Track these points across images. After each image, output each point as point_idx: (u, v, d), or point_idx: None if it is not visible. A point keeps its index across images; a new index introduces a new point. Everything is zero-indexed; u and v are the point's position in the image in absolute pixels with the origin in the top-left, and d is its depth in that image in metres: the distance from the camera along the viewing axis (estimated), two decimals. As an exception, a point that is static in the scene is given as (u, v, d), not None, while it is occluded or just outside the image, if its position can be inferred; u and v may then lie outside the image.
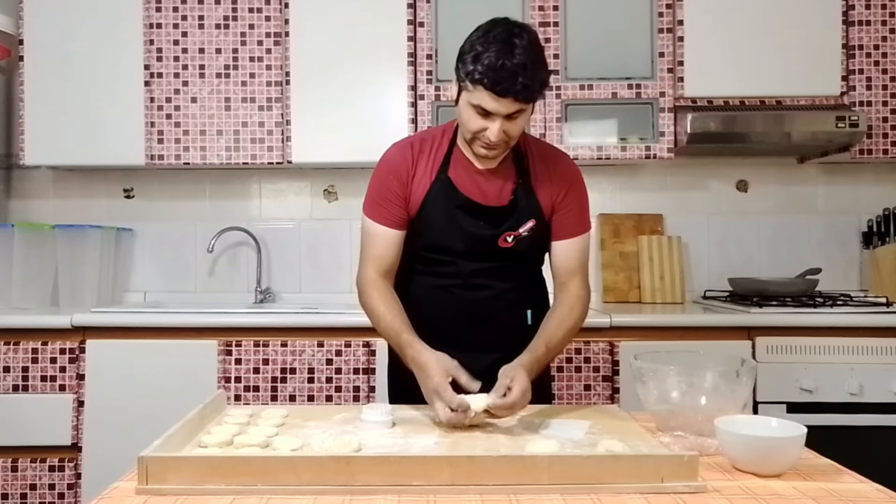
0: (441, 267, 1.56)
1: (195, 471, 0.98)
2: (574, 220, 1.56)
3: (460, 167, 1.53)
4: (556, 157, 1.59)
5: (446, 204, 1.51)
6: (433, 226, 1.53)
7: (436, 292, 1.57)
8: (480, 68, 1.34)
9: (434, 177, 1.53)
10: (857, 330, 2.26)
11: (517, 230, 1.52)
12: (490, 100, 1.36)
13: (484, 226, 1.52)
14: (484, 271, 1.55)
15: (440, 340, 1.45)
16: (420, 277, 1.60)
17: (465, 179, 1.53)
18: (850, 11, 2.57)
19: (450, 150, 1.55)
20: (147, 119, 2.63)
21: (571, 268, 1.56)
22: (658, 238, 2.82)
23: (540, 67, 1.38)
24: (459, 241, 1.52)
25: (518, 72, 1.33)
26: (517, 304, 1.60)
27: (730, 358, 1.30)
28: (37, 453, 2.31)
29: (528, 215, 1.53)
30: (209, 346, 2.33)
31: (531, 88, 1.36)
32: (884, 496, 0.98)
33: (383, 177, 1.55)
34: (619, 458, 1.02)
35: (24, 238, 2.60)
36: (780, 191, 2.92)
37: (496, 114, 1.38)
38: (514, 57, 1.33)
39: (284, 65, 2.61)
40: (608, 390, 2.31)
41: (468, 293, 1.56)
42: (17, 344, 2.32)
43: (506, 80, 1.33)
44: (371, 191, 1.56)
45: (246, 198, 2.97)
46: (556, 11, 2.58)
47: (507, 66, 1.33)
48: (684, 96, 2.58)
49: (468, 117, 1.42)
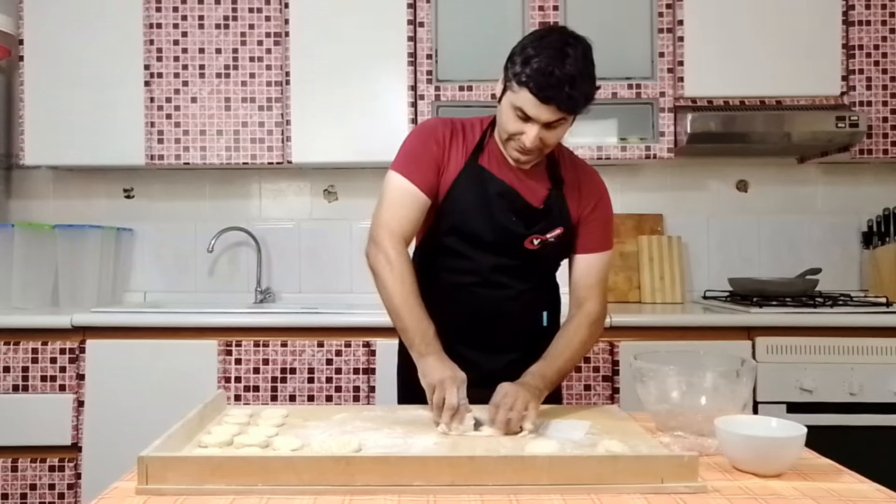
0: (461, 261, 1.53)
1: (195, 471, 0.98)
2: (598, 236, 1.55)
3: (493, 159, 1.51)
4: (587, 171, 1.58)
5: (481, 189, 1.48)
6: (463, 209, 1.49)
7: (455, 290, 1.54)
8: (528, 71, 1.33)
9: (465, 163, 1.50)
10: (857, 330, 2.26)
11: (545, 235, 1.51)
12: (533, 105, 1.35)
13: (516, 222, 1.49)
14: (504, 269, 1.53)
15: (456, 338, 1.44)
16: (439, 273, 1.56)
17: (499, 172, 1.50)
18: (850, 11, 2.57)
19: (482, 141, 1.52)
20: (147, 119, 2.63)
21: (590, 284, 1.55)
22: (658, 238, 2.83)
23: (588, 81, 1.36)
24: (488, 230, 1.49)
25: (566, 81, 1.31)
26: (534, 305, 1.59)
27: (730, 358, 1.30)
28: (37, 453, 2.31)
29: (559, 222, 1.51)
30: (209, 346, 2.33)
31: (576, 100, 1.34)
32: (884, 496, 0.98)
33: (423, 138, 1.50)
34: (619, 458, 1.02)
35: (24, 238, 2.60)
36: (780, 191, 2.92)
37: (536, 120, 1.36)
38: (565, 66, 1.31)
39: (284, 65, 2.61)
40: (608, 390, 2.31)
41: (487, 291, 1.54)
42: (17, 344, 2.32)
43: (552, 87, 1.32)
44: (407, 150, 1.50)
45: (246, 198, 2.97)
46: (556, 11, 2.58)
47: (555, 73, 1.31)
48: (684, 96, 2.58)
49: (508, 118, 1.41)
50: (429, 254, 1.58)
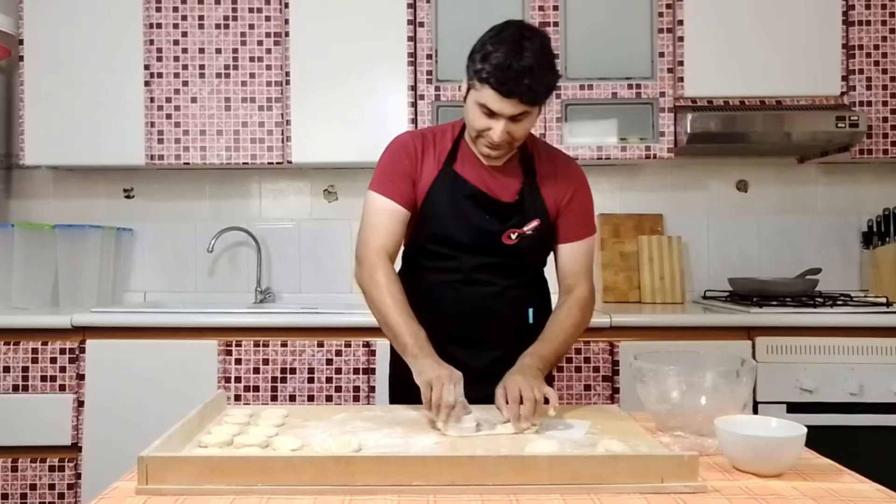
0: (444, 261, 1.56)
1: (195, 471, 0.98)
2: (579, 224, 1.57)
3: (467, 162, 1.54)
4: (562, 160, 1.60)
5: (453, 194, 1.51)
6: (439, 215, 1.52)
7: (439, 288, 1.57)
8: (488, 67, 1.35)
9: (440, 168, 1.53)
10: (857, 330, 2.26)
11: (522, 228, 1.53)
12: (495, 100, 1.37)
13: (490, 220, 1.52)
14: (486, 267, 1.55)
15: (442, 337, 1.45)
16: (424, 273, 1.59)
17: (472, 173, 1.53)
18: (850, 11, 2.57)
19: (455, 144, 1.55)
20: (147, 119, 2.63)
21: (576, 271, 1.57)
22: (658, 238, 2.82)
23: (547, 71, 1.37)
24: (465, 233, 1.52)
25: (525, 73, 1.33)
26: (519, 302, 1.60)
27: (730, 358, 1.30)
28: (37, 453, 2.31)
29: (534, 214, 1.53)
30: (209, 346, 2.33)
31: (536, 91, 1.36)
32: (884, 496, 0.98)
33: (395, 155, 1.54)
34: (619, 458, 1.02)
35: (24, 238, 2.60)
36: (780, 191, 2.92)
37: (501, 114, 1.38)
38: (523, 59, 1.33)
39: (284, 65, 2.61)
40: (608, 390, 2.31)
41: (471, 289, 1.56)
42: (17, 344, 2.32)
43: (512, 80, 1.34)
44: (381, 168, 1.55)
45: (246, 198, 2.97)
46: (556, 11, 2.58)
47: (514, 67, 1.33)
48: (684, 96, 2.58)
49: (474, 116, 1.43)
50: (413, 258, 1.62)
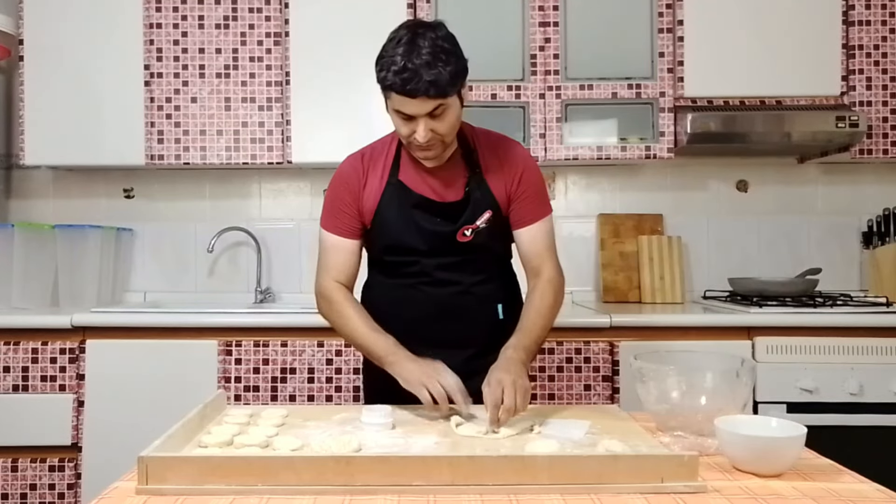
0: (406, 267, 1.58)
1: (195, 471, 0.98)
2: (532, 206, 1.57)
3: (410, 169, 1.55)
4: (505, 147, 1.59)
5: (401, 205, 1.54)
6: (392, 228, 1.55)
7: (405, 291, 1.59)
8: (390, 75, 1.36)
9: (386, 182, 1.55)
10: (857, 330, 2.26)
11: (474, 223, 1.54)
12: (405, 103, 1.38)
13: (441, 222, 1.53)
14: (448, 266, 1.56)
15: (413, 339, 1.47)
16: (386, 280, 1.62)
17: (417, 180, 1.54)
18: (850, 11, 2.57)
19: (398, 154, 1.57)
20: (147, 119, 2.63)
21: (539, 252, 1.57)
22: (658, 238, 2.82)
23: (446, 61, 1.37)
24: (419, 239, 1.54)
25: (422, 69, 1.34)
26: (487, 298, 1.61)
27: (730, 358, 1.29)
28: (37, 453, 2.31)
29: (484, 207, 1.54)
30: (209, 346, 2.33)
31: (438, 83, 1.35)
32: (884, 496, 0.98)
33: (335, 190, 1.60)
34: (619, 458, 1.02)
35: (24, 238, 2.60)
36: (780, 191, 2.92)
37: (417, 115, 1.39)
38: (420, 56, 1.34)
39: (284, 65, 2.61)
40: (608, 390, 2.31)
41: (436, 289, 1.57)
42: (17, 344, 2.32)
43: (412, 80, 1.34)
44: (326, 205, 1.61)
45: (246, 198, 2.97)
46: (556, 11, 2.58)
47: (409, 67, 1.34)
48: (684, 96, 2.58)
49: (396, 124, 1.45)
50: (377, 266, 1.65)
